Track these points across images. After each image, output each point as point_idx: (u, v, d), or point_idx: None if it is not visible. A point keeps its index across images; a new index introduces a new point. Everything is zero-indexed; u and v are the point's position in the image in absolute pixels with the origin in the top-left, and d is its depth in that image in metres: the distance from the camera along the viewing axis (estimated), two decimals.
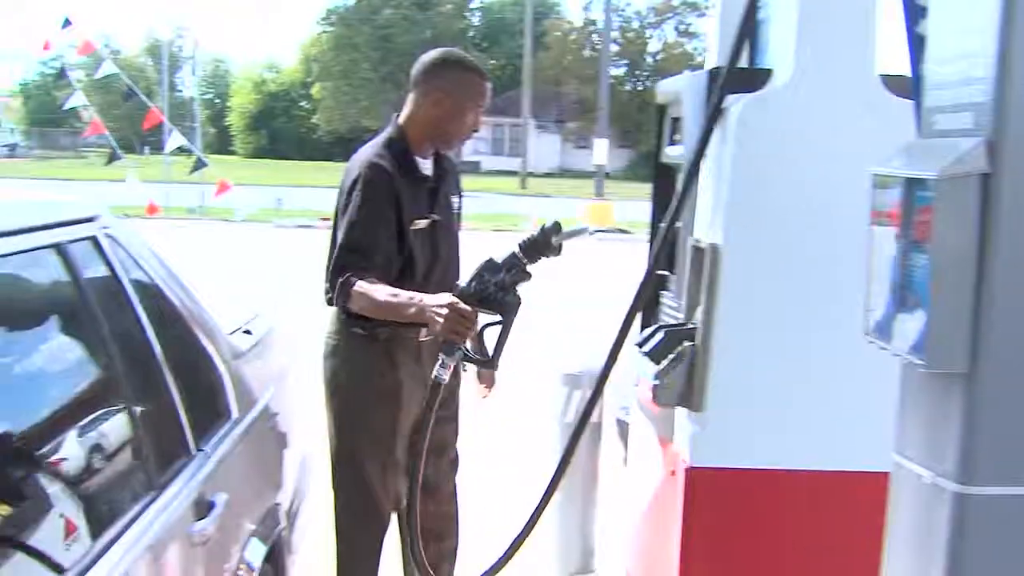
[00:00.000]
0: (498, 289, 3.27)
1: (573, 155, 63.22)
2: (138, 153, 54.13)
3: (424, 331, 3.67)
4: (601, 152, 28.51)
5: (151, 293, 3.02)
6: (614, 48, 46.39)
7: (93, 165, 46.78)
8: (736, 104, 3.22)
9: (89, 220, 2.77)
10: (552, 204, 32.41)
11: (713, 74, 3.42)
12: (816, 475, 3.28)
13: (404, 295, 3.51)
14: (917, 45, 2.45)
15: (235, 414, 3.33)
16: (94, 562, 2.19)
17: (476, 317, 3.29)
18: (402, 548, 4.09)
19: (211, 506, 2.81)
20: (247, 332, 3.87)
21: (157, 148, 49.98)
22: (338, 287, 3.63)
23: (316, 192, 35.29)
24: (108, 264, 2.77)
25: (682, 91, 3.67)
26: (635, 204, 33.54)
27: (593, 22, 64.46)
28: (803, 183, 3.24)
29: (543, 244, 3.28)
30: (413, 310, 3.44)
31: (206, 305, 3.40)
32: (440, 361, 3.29)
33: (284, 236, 23.17)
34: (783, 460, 3.30)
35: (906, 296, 2.00)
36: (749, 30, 3.16)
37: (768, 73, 3.37)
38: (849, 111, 3.24)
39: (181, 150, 24.72)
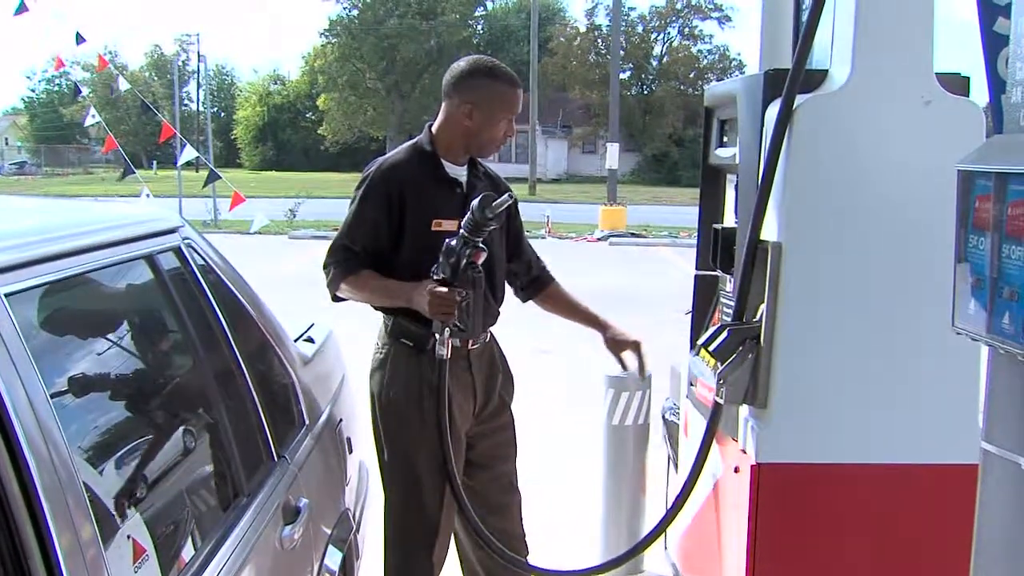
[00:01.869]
0: (461, 268, 3.56)
1: (580, 160, 63.33)
2: (146, 168, 54.29)
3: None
4: (613, 156, 28.52)
5: (229, 301, 3.07)
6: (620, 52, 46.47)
7: (105, 181, 46.87)
8: (797, 105, 3.27)
9: (172, 231, 2.82)
10: (564, 210, 32.49)
11: (769, 76, 3.46)
12: (883, 468, 3.32)
13: (393, 288, 3.75)
14: (992, 43, 2.49)
15: (307, 420, 3.38)
16: (202, 569, 2.24)
17: (454, 295, 3.55)
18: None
19: (298, 511, 2.86)
20: (309, 340, 3.92)
21: (166, 162, 50.18)
22: (328, 280, 3.87)
23: (327, 203, 35.52)
24: (192, 273, 2.82)
25: (737, 94, 3.72)
26: (646, 208, 33.81)
27: (598, 27, 64.48)
28: (863, 180, 3.29)
29: (481, 220, 3.53)
30: (402, 301, 3.71)
31: (275, 315, 3.45)
32: (435, 340, 3.64)
33: (299, 247, 23.23)
34: (848, 455, 3.34)
35: (1001, 288, 2.04)
36: (814, 31, 3.20)
37: (824, 74, 3.41)
38: (907, 109, 3.29)
39: (190, 164, 24.81)
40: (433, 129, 3.92)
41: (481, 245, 3.56)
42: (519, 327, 4.22)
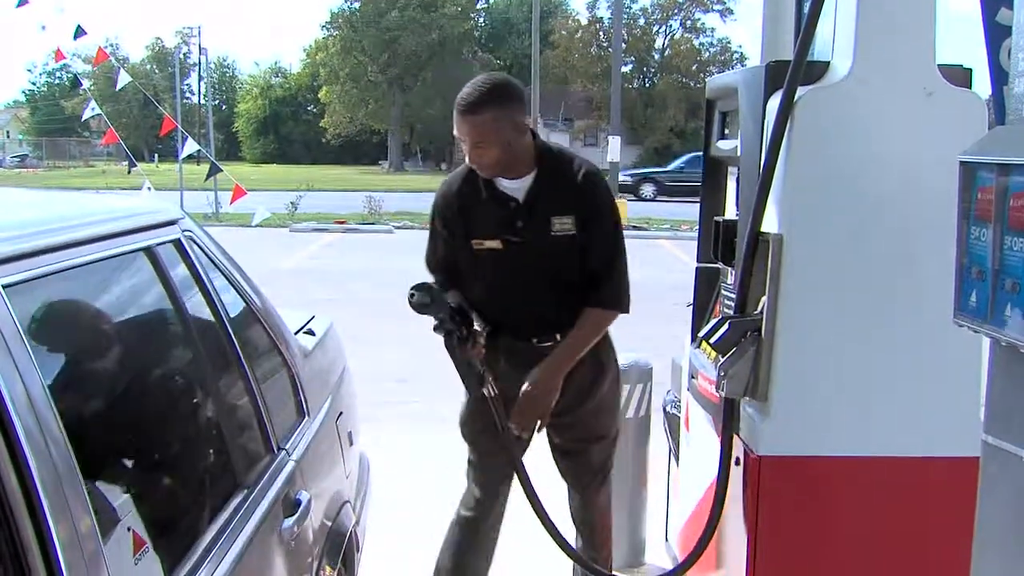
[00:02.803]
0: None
1: (582, 152, 63.00)
2: (147, 161, 54.22)
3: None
4: (615, 149, 28.48)
5: (229, 293, 3.06)
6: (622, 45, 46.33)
7: (106, 174, 46.84)
8: (798, 97, 3.26)
9: (172, 223, 2.82)
10: None
11: (771, 68, 3.45)
12: (883, 461, 3.32)
13: None
14: (995, 34, 2.48)
15: (307, 413, 3.38)
16: (202, 561, 2.24)
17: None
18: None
19: (297, 504, 2.86)
20: (310, 332, 3.92)
21: (167, 155, 50.15)
22: None
23: (328, 196, 35.47)
24: (191, 265, 2.82)
25: (738, 86, 3.71)
26: (647, 201, 33.80)
27: (599, 20, 64.45)
28: (865, 172, 3.28)
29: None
30: None
31: (276, 309, 3.45)
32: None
33: (300, 240, 23.24)
34: (849, 447, 3.33)
35: (1003, 280, 2.04)
36: (815, 23, 3.19)
37: (826, 66, 3.40)
38: (909, 101, 3.28)
39: (192, 157, 24.79)
40: None
41: (446, 326, 3.76)
42: None
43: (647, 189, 40.48)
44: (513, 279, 3.86)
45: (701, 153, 4.39)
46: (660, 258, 17.70)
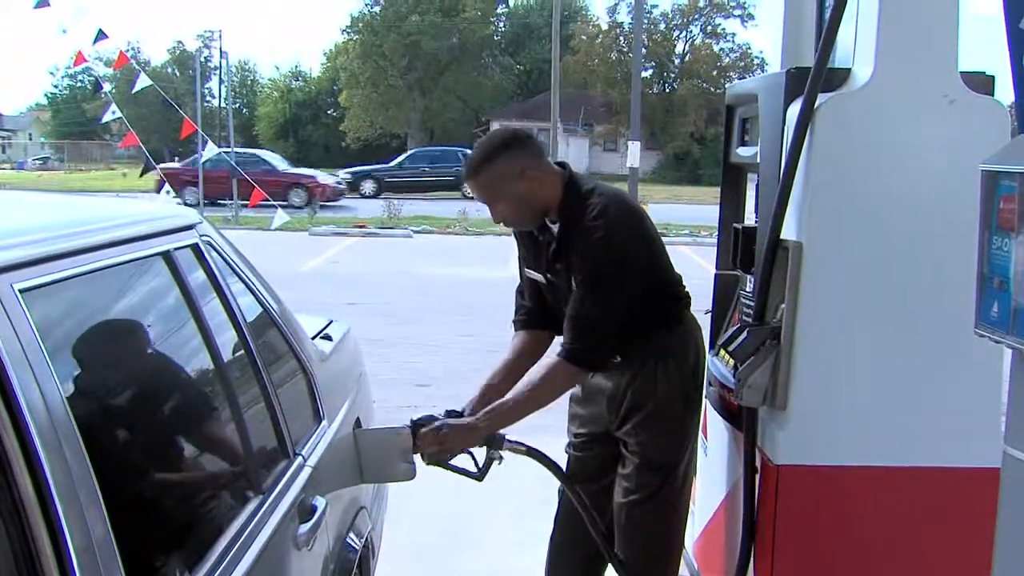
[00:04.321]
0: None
1: (602, 158, 63.17)
2: (169, 163, 54.36)
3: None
4: (635, 155, 28.47)
5: (246, 298, 3.07)
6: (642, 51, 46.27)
7: (127, 177, 47.02)
8: (818, 104, 3.24)
9: (190, 227, 2.82)
10: None
11: (791, 75, 3.44)
12: (903, 471, 3.30)
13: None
14: (1018, 40, 2.46)
15: (324, 418, 3.38)
16: (216, 568, 2.23)
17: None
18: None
19: (313, 510, 2.86)
20: (327, 337, 3.92)
21: (188, 158, 50.19)
22: None
23: (347, 200, 35.54)
24: (208, 270, 2.82)
25: (758, 92, 3.70)
26: (667, 207, 33.72)
27: (620, 25, 64.38)
28: (885, 180, 3.27)
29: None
30: None
31: (294, 314, 3.45)
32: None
33: (319, 244, 23.28)
34: (868, 457, 3.32)
35: None
36: (836, 29, 3.17)
37: (846, 73, 3.39)
38: (931, 108, 3.26)
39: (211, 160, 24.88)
40: None
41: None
42: None
43: (367, 186, 40.81)
44: (558, 312, 3.83)
45: (421, 149, 4.36)
46: (679, 264, 17.55)
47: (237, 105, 79.88)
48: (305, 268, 18.42)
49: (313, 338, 3.73)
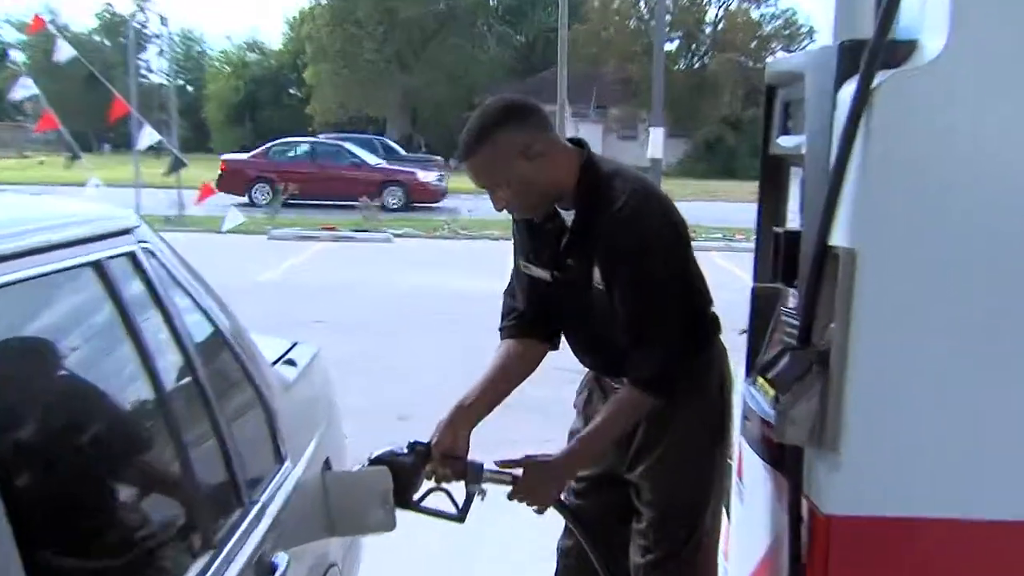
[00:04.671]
0: None
1: (617, 147, 63.18)
2: (98, 152, 54.40)
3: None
4: (657, 144, 28.50)
5: (193, 317, 3.08)
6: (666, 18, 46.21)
7: (45, 166, 47.05)
8: (877, 83, 3.23)
9: (126, 232, 2.83)
10: None
11: (845, 49, 3.44)
12: (980, 525, 3.28)
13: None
14: None
15: (286, 459, 3.39)
16: None
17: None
18: None
19: (273, 569, 2.86)
20: (290, 362, 3.93)
21: (121, 145, 50.12)
22: None
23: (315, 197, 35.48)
24: (148, 282, 2.83)
25: (805, 70, 3.70)
26: (696, 205, 33.72)
27: None
28: (959, 175, 3.23)
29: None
30: None
31: (250, 332, 3.46)
32: None
33: (280, 249, 23.27)
34: (938, 507, 3.29)
35: None
36: None
37: (912, 45, 3.37)
38: (1015, 88, 3.24)
39: (151, 148, 24.82)
40: None
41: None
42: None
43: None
44: (566, 316, 3.84)
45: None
46: (710, 274, 17.40)
47: (181, 82, 79.86)
48: (264, 278, 18.46)
49: (274, 363, 3.74)
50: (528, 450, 3.78)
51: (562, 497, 3.90)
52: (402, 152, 45.68)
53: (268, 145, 37.00)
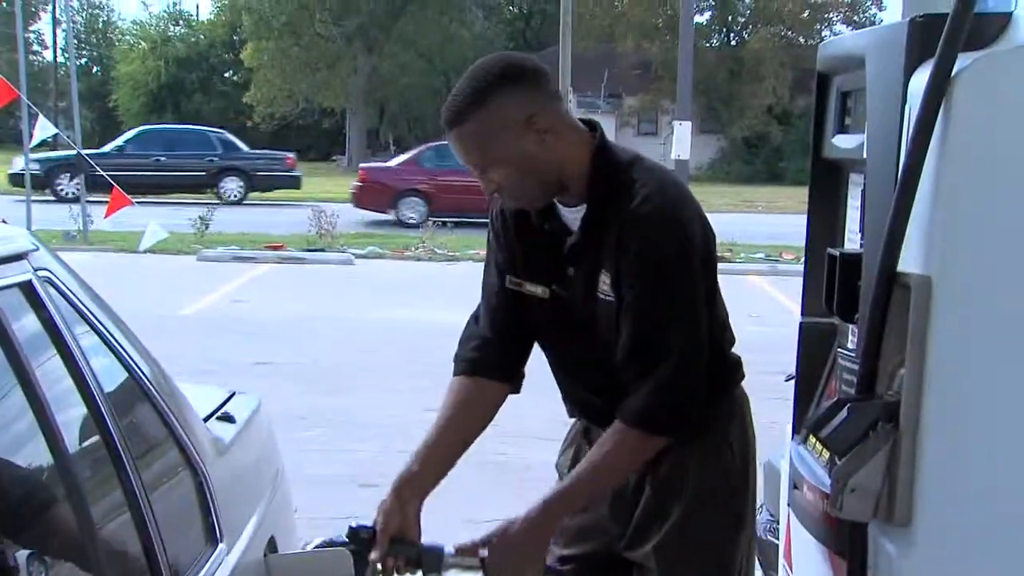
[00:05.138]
0: None
1: (635, 144, 63.07)
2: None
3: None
4: (683, 141, 28.56)
5: (104, 361, 3.08)
6: None
7: None
8: (959, 68, 3.24)
9: (19, 257, 2.83)
10: None
11: (917, 26, 3.44)
12: None
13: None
14: None
15: (222, 538, 3.39)
16: None
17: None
18: None
19: None
20: (227, 417, 3.94)
21: (7, 141, 50.08)
22: None
23: (258, 209, 35.48)
24: (47, 317, 2.83)
25: (866, 53, 3.72)
26: (732, 217, 33.76)
27: None
28: None
29: None
30: None
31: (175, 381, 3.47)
32: None
33: (213, 273, 23.26)
34: None
35: None
36: None
37: (1006, 19, 3.37)
38: None
39: (46, 143, 24.77)
40: None
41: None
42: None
43: (64, 183, 38.37)
44: (562, 342, 3.83)
45: (155, 128, 4.36)
46: (749, 302, 17.47)
47: (84, 61, 79.68)
48: (191, 310, 18.44)
49: (206, 419, 3.74)
50: (501, 517, 3.74)
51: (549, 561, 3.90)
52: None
53: (420, 149, 36.99)
